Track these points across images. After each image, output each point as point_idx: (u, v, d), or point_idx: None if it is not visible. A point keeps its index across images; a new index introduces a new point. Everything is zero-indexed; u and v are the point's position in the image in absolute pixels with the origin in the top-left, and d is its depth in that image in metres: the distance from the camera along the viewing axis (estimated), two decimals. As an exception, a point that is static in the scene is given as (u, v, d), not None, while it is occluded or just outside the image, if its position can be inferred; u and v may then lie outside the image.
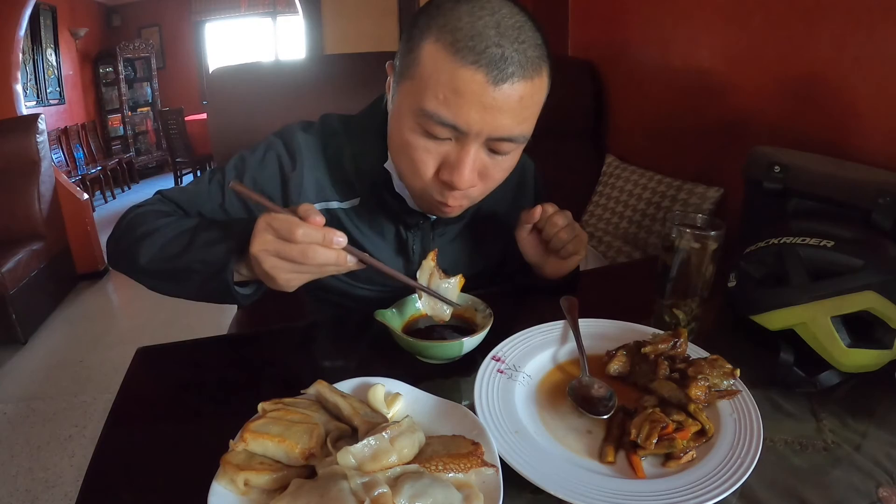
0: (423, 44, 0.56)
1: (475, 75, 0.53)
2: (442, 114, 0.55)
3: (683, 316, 0.67)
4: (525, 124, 0.58)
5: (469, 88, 0.53)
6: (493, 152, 0.60)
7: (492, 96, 0.53)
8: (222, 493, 0.41)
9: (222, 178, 0.74)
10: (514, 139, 0.58)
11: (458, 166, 0.58)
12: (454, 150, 0.59)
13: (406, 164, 0.63)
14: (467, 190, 0.61)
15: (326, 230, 0.50)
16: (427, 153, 0.59)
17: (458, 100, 0.54)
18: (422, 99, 0.56)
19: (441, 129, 0.56)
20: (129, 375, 0.63)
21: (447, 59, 0.53)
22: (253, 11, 6.36)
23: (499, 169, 0.62)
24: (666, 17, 1.58)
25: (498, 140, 0.58)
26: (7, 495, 1.62)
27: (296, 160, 0.73)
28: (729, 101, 1.39)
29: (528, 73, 0.54)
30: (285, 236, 0.50)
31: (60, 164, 4.62)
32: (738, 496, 0.44)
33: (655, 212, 1.56)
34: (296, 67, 1.61)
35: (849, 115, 1.08)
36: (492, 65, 0.52)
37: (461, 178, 0.58)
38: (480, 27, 0.53)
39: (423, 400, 0.52)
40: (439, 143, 0.58)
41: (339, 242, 0.51)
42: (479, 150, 0.59)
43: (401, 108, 0.60)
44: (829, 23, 1.10)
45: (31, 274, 2.55)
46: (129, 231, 0.67)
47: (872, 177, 0.83)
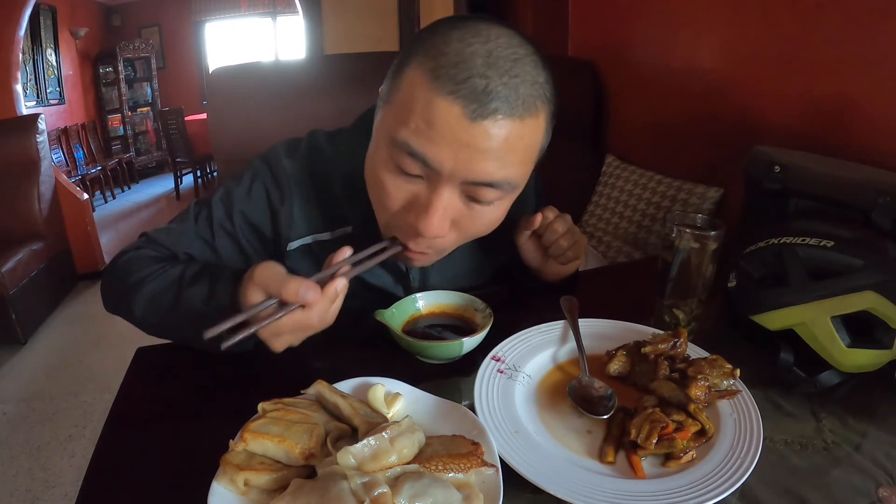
0: (406, 68, 0.51)
1: (451, 107, 0.47)
2: (412, 144, 0.49)
3: (683, 316, 0.67)
4: (510, 169, 0.51)
5: (443, 121, 0.47)
6: (472, 200, 0.53)
7: (469, 133, 0.47)
8: (222, 493, 0.41)
9: (209, 213, 0.69)
10: (497, 185, 0.51)
11: (426, 209, 0.52)
12: (425, 191, 0.52)
13: (375, 195, 0.58)
14: (433, 240, 0.55)
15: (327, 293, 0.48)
16: (396, 189, 0.53)
17: (430, 132, 0.48)
18: (395, 127, 0.51)
19: (411, 164, 0.50)
20: (129, 375, 0.63)
21: (425, 86, 0.48)
22: (253, 11, 6.36)
23: (477, 221, 0.56)
24: (666, 17, 1.58)
25: (476, 185, 0.51)
26: (7, 495, 1.62)
27: (284, 194, 0.68)
28: (729, 101, 1.39)
29: (516, 111, 0.48)
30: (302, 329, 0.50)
31: (60, 164, 4.61)
32: (738, 496, 0.44)
33: (655, 212, 1.56)
34: (296, 67, 1.62)
35: (849, 115, 1.08)
36: (471, 97, 0.47)
37: (427, 224, 0.52)
38: (468, 54, 0.47)
39: (423, 400, 0.52)
40: (410, 180, 0.52)
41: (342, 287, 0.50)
42: (452, 195, 0.52)
43: (378, 135, 0.56)
44: (829, 23, 1.10)
45: (31, 274, 2.55)
46: (120, 281, 0.64)
47: (872, 177, 0.83)
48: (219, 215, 0.70)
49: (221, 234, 0.70)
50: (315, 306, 0.47)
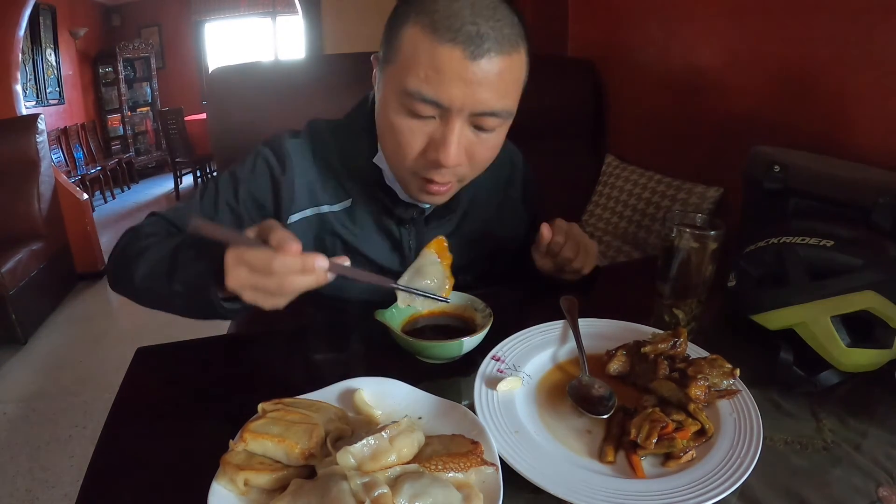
0: (403, 29, 0.58)
1: (453, 51, 0.55)
2: (424, 91, 0.57)
3: (683, 316, 0.67)
4: (507, 99, 0.60)
5: (448, 65, 0.55)
6: (478, 129, 0.61)
7: (471, 71, 0.56)
8: (222, 493, 0.41)
9: (215, 191, 0.74)
10: (498, 114, 0.60)
11: (443, 143, 0.59)
12: (439, 129, 0.60)
13: (392, 146, 0.64)
14: (454, 168, 0.62)
15: (304, 258, 0.49)
16: (412, 133, 0.61)
17: (438, 77, 0.56)
18: (405, 79, 0.58)
19: (425, 107, 0.58)
20: (129, 375, 0.63)
21: (426, 39, 0.56)
22: (253, 11, 6.36)
23: (485, 147, 0.63)
24: (666, 17, 1.58)
25: (481, 115, 0.59)
26: (7, 495, 1.62)
27: (285, 165, 0.73)
28: (729, 101, 1.40)
29: (504, 48, 0.57)
30: (261, 270, 0.49)
31: (60, 164, 4.61)
32: (737, 496, 0.44)
33: (655, 212, 1.56)
34: (295, 67, 1.62)
35: (849, 114, 1.08)
36: (468, 41, 0.55)
37: (447, 155, 0.59)
38: (456, 8, 0.55)
39: (423, 400, 0.52)
40: (424, 122, 0.60)
41: (321, 266, 0.50)
42: (463, 127, 0.60)
43: (386, 93, 0.62)
44: (829, 22, 1.10)
45: (31, 274, 2.55)
46: (123, 253, 0.67)
47: (872, 176, 0.83)
48: (224, 191, 0.74)
49: (225, 209, 0.73)
50: (286, 255, 0.48)
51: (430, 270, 0.64)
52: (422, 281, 0.63)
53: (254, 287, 0.50)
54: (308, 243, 0.74)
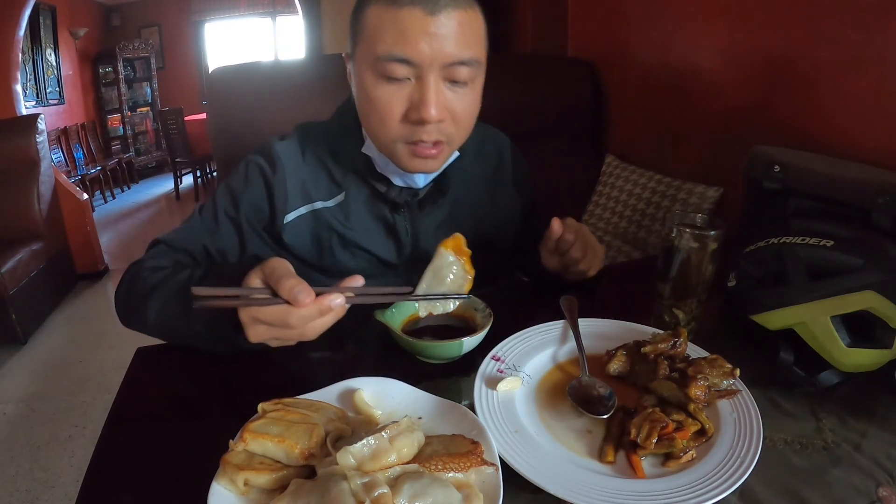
0: (365, 12, 0.63)
1: (413, 11, 0.60)
2: (394, 51, 0.61)
3: (683, 316, 0.67)
4: (472, 49, 0.63)
5: (411, 24, 0.60)
6: (453, 83, 0.64)
7: (433, 25, 0.60)
8: (222, 493, 0.41)
9: (213, 205, 0.75)
10: (466, 62, 0.63)
11: (422, 99, 0.62)
12: (416, 89, 0.63)
13: (375, 118, 0.66)
14: (438, 124, 0.64)
15: (320, 303, 0.48)
16: (391, 99, 0.64)
17: (405, 37, 0.60)
18: (374, 49, 0.62)
19: (397, 67, 0.61)
20: (129, 375, 0.63)
21: (388, 10, 0.61)
22: (252, 11, 6.35)
23: (463, 103, 0.66)
24: (666, 17, 1.58)
25: (451, 66, 0.62)
26: (7, 495, 1.62)
27: (276, 166, 0.74)
28: (729, 101, 1.39)
29: (459, 4, 0.62)
30: (280, 325, 0.49)
31: (60, 164, 4.61)
32: (738, 496, 0.44)
33: (655, 212, 1.56)
34: (295, 67, 1.61)
35: (849, 114, 1.08)
36: (426, 1, 0.60)
37: (428, 108, 0.62)
38: None
39: (423, 400, 0.52)
40: (400, 86, 0.63)
41: (338, 304, 0.49)
42: (438, 82, 0.63)
43: (361, 72, 0.66)
44: (829, 23, 1.10)
45: (31, 274, 2.55)
46: (129, 292, 0.67)
47: (872, 176, 0.83)
48: (222, 203, 0.75)
49: (225, 220, 0.74)
50: (302, 308, 0.47)
51: (448, 270, 0.65)
52: (441, 283, 0.64)
53: (275, 338, 0.51)
54: (306, 241, 0.76)
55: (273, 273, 0.49)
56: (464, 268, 0.66)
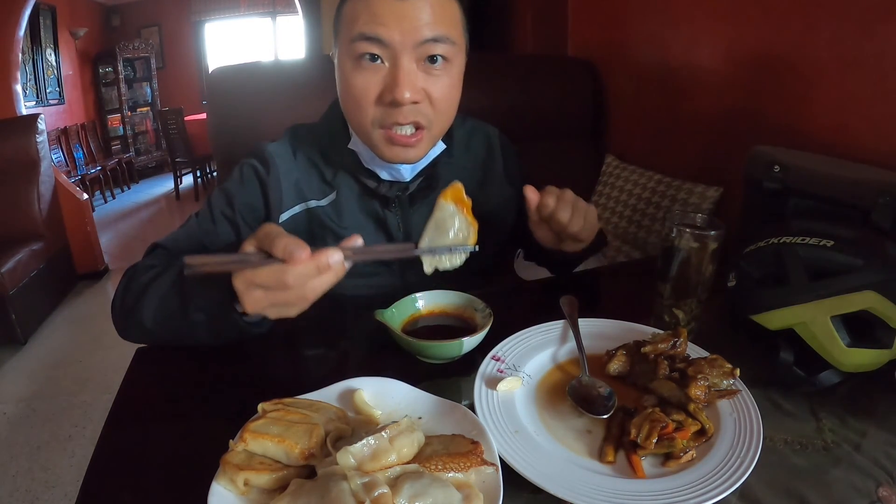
0: (343, 7, 0.66)
1: None
2: (365, 30, 0.62)
3: (683, 316, 0.67)
4: (443, 26, 0.64)
5: (382, 7, 0.61)
6: (429, 63, 0.65)
7: (404, 8, 0.61)
8: (222, 493, 0.41)
9: (209, 207, 0.75)
10: (439, 39, 0.63)
11: (395, 80, 0.63)
12: (389, 71, 0.64)
13: (352, 104, 0.67)
14: (415, 106, 0.65)
15: (317, 259, 0.46)
16: (366, 82, 0.65)
17: (375, 18, 0.62)
18: (350, 31, 0.64)
19: (369, 45, 0.63)
20: (129, 375, 0.63)
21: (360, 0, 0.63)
22: (252, 11, 6.35)
23: (440, 85, 0.66)
24: (666, 16, 1.58)
25: (424, 44, 0.63)
26: (7, 495, 1.62)
27: (269, 167, 0.75)
28: (729, 101, 1.39)
29: None
30: (276, 287, 0.47)
31: (60, 164, 4.61)
32: (737, 496, 0.44)
33: (655, 212, 1.56)
34: (295, 67, 1.61)
35: (849, 114, 1.08)
36: None
37: (401, 90, 0.62)
38: None
39: (423, 400, 0.52)
40: (375, 70, 0.64)
41: (336, 261, 0.47)
42: (410, 62, 0.64)
43: (340, 62, 0.67)
44: (829, 22, 1.10)
45: (31, 274, 2.55)
46: (126, 296, 0.66)
47: (872, 176, 0.83)
48: (218, 204, 0.75)
49: (222, 220, 0.74)
50: (297, 265, 0.45)
51: (451, 222, 0.60)
52: (444, 236, 0.60)
53: (274, 304, 0.49)
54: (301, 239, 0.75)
55: (266, 236, 0.48)
56: (466, 218, 0.61)
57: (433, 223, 0.61)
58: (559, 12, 2.07)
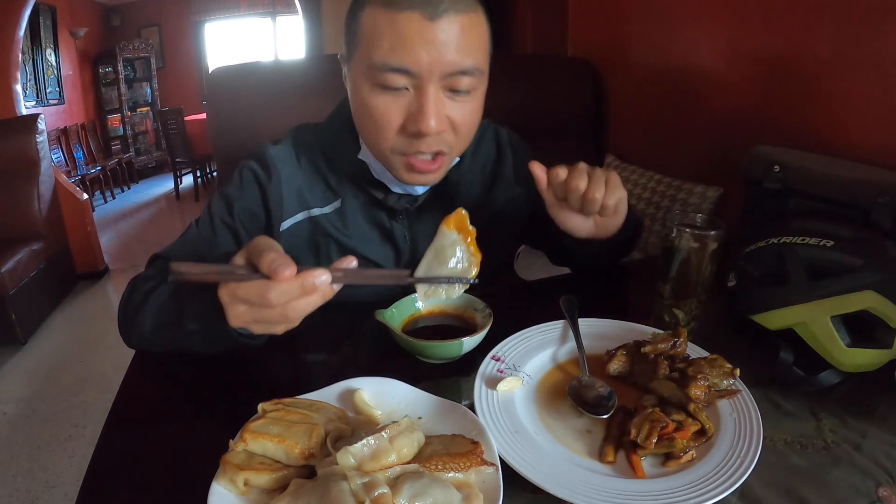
0: (360, 15, 0.60)
1: (411, 16, 0.56)
2: (391, 60, 0.58)
3: (683, 316, 0.67)
4: (474, 57, 0.60)
5: (409, 29, 0.56)
6: (453, 92, 0.61)
7: (432, 31, 0.56)
8: (222, 493, 0.41)
9: (209, 214, 0.73)
10: (468, 71, 0.60)
11: (421, 111, 0.59)
12: (414, 100, 0.60)
13: (371, 127, 0.64)
14: (439, 135, 0.62)
15: (303, 278, 0.44)
16: (388, 109, 0.61)
17: (402, 43, 0.57)
18: (370, 56, 0.59)
19: (395, 77, 0.58)
20: (129, 376, 0.63)
21: (384, 13, 0.57)
22: (252, 11, 6.35)
23: (464, 112, 0.63)
24: (666, 16, 1.58)
25: (452, 76, 0.59)
26: (7, 495, 1.62)
27: (271, 172, 0.72)
28: (729, 101, 1.39)
29: (460, 7, 0.58)
30: (259, 303, 0.44)
31: (60, 164, 4.61)
32: (738, 496, 0.44)
33: (655, 212, 1.56)
34: (295, 67, 1.62)
35: (849, 114, 1.08)
36: (425, 4, 0.56)
37: (427, 121, 0.59)
38: None
39: (423, 400, 0.52)
40: (398, 96, 0.60)
41: (323, 282, 0.44)
42: (438, 93, 0.60)
43: (356, 78, 0.63)
44: (829, 22, 1.10)
45: (31, 274, 2.55)
46: (127, 306, 0.66)
47: (872, 176, 0.83)
48: (218, 211, 0.73)
49: (221, 227, 0.72)
50: (281, 283, 0.43)
51: (452, 251, 0.57)
52: (443, 265, 0.57)
53: (257, 320, 0.46)
54: (302, 248, 0.74)
55: (255, 249, 0.45)
56: (468, 248, 0.58)
57: (433, 251, 0.58)
58: (559, 12, 2.07)
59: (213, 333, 0.56)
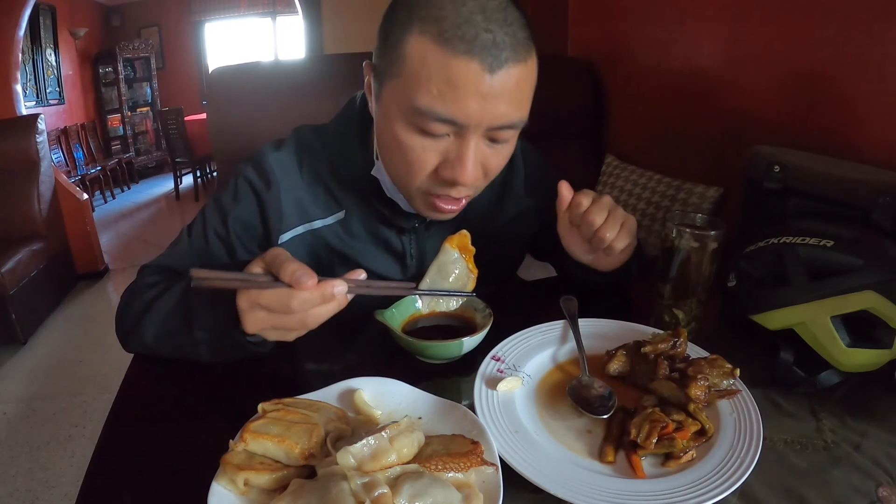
0: (406, 38, 0.53)
1: (469, 65, 0.51)
2: (438, 109, 0.53)
3: (683, 316, 0.67)
4: (523, 109, 0.57)
5: (465, 79, 0.51)
6: (493, 141, 0.58)
7: (489, 84, 0.52)
8: (222, 493, 0.41)
9: (202, 224, 0.70)
10: (514, 126, 0.57)
11: (460, 161, 0.56)
12: (454, 145, 0.56)
13: (401, 165, 0.60)
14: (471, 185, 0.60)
15: (322, 288, 0.46)
16: (424, 152, 0.57)
17: (454, 93, 0.52)
18: (413, 96, 0.53)
19: (438, 126, 0.54)
20: (129, 375, 0.63)
21: (436, 50, 0.51)
22: (252, 11, 6.35)
23: (498, 157, 0.61)
24: (666, 16, 1.58)
25: (498, 129, 0.56)
26: (7, 495, 1.62)
27: (270, 182, 0.69)
28: (729, 101, 1.40)
29: (520, 55, 0.53)
30: (279, 311, 0.47)
31: (60, 164, 4.61)
32: (737, 496, 0.44)
33: (655, 212, 1.56)
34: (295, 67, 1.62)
35: (849, 115, 1.08)
36: (485, 52, 0.51)
37: (464, 174, 0.56)
38: (466, 13, 0.51)
39: (423, 400, 0.52)
40: (437, 139, 0.56)
41: (340, 292, 0.47)
42: (479, 142, 0.57)
43: (389, 109, 0.58)
44: (829, 23, 1.10)
45: (31, 274, 2.55)
46: (126, 314, 0.65)
47: (872, 177, 0.83)
48: (212, 221, 0.70)
49: (215, 240, 0.70)
50: (304, 291, 0.46)
51: (452, 267, 0.63)
52: (445, 280, 0.62)
53: (275, 327, 0.49)
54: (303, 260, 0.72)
55: (275, 260, 0.47)
56: (467, 266, 0.65)
57: (436, 266, 0.63)
58: (559, 12, 2.07)
59: (222, 342, 0.56)
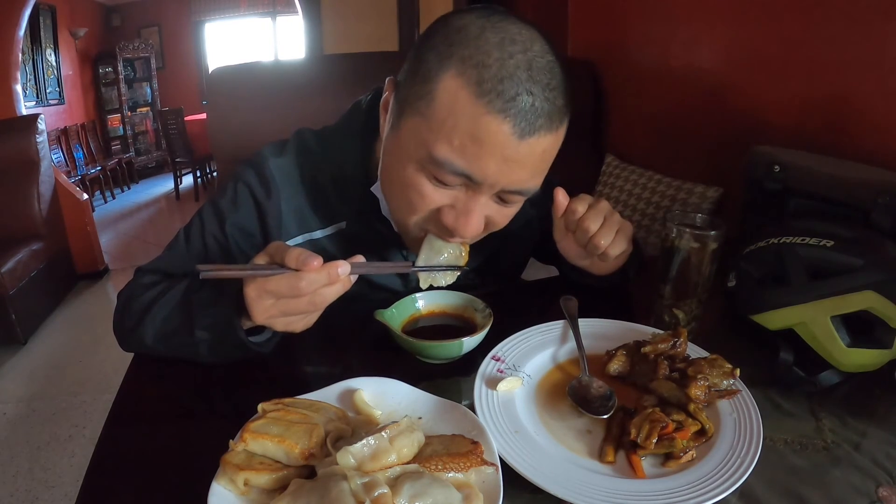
0: (441, 75, 0.49)
1: (501, 126, 0.48)
2: (456, 163, 0.50)
3: (683, 316, 0.67)
4: (540, 177, 0.56)
5: (492, 139, 0.48)
6: (501, 201, 0.57)
7: (515, 150, 0.49)
8: (222, 493, 0.41)
9: (200, 227, 0.70)
10: (526, 192, 0.56)
11: (466, 214, 0.55)
12: (462, 197, 0.55)
13: (402, 201, 0.58)
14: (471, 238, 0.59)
15: (329, 268, 0.48)
16: (430, 198, 0.55)
17: (477, 150, 0.49)
18: (434, 144, 0.50)
19: (452, 178, 0.52)
20: (129, 375, 0.63)
21: (470, 100, 0.48)
22: (252, 11, 6.35)
23: (502, 216, 0.59)
24: (666, 17, 1.58)
25: (511, 192, 0.55)
26: (7, 495, 1.62)
27: (270, 190, 0.68)
28: (729, 101, 1.40)
29: (554, 124, 0.51)
30: (288, 294, 0.48)
31: (60, 164, 4.61)
32: (738, 496, 0.44)
33: (655, 212, 1.56)
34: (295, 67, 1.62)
35: (849, 114, 1.08)
36: (521, 116, 0.48)
37: (468, 227, 0.55)
38: (511, 67, 0.47)
39: (423, 400, 0.52)
40: (446, 188, 0.54)
41: (344, 272, 0.49)
42: (488, 200, 0.56)
43: (404, 144, 0.54)
44: (828, 23, 1.10)
45: (31, 274, 2.55)
46: (125, 315, 0.64)
47: (872, 176, 0.83)
48: (209, 225, 0.69)
49: (213, 243, 0.69)
50: (310, 273, 0.47)
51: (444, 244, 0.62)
52: (438, 255, 0.62)
53: (284, 313, 0.50)
54: None
55: (278, 250, 0.49)
56: None
57: (427, 245, 0.62)
58: (559, 12, 2.07)
59: (223, 342, 0.56)
